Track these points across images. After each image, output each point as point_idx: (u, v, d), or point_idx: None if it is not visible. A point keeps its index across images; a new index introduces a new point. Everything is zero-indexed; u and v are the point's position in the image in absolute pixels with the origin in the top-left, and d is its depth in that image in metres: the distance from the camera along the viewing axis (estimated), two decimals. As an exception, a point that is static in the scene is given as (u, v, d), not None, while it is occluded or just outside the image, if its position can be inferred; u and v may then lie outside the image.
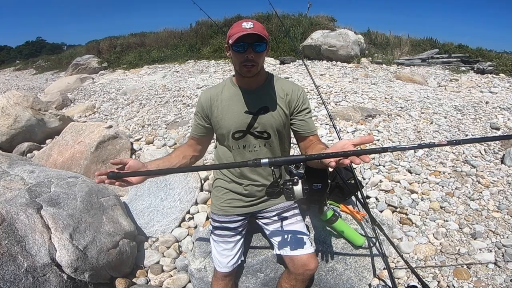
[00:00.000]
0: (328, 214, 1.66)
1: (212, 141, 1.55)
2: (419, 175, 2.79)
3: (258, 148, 1.39)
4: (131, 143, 3.64)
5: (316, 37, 8.42)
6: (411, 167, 2.89)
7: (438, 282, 1.85)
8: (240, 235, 1.53)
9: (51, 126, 4.40)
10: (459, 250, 2.05)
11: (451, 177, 2.76)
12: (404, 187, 2.65)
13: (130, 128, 4.43)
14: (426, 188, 2.62)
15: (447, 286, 1.82)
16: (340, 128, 3.67)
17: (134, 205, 2.52)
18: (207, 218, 2.37)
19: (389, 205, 2.45)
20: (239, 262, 1.55)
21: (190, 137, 1.50)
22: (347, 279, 1.70)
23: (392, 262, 1.98)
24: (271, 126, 1.37)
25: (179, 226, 2.39)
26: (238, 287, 1.66)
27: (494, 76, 7.06)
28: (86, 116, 5.57)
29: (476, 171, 2.82)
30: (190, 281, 1.93)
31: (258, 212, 1.52)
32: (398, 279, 1.89)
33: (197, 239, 1.89)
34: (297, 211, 1.55)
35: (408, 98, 4.84)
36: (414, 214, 2.37)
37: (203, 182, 2.69)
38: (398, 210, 2.42)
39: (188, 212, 2.46)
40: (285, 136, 1.46)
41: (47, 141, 4.28)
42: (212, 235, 1.55)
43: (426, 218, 2.33)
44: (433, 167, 2.90)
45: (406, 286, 1.78)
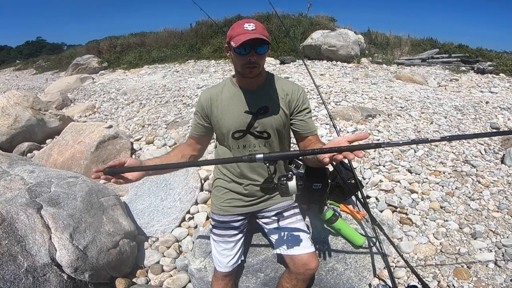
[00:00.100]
0: (328, 214, 1.66)
1: (212, 140, 1.55)
2: (419, 175, 2.79)
3: (258, 147, 1.39)
4: (131, 143, 3.64)
5: (316, 37, 8.42)
6: (411, 167, 2.89)
7: (438, 282, 1.85)
8: (240, 235, 1.53)
9: (51, 126, 4.41)
10: (459, 250, 2.05)
11: (451, 177, 2.76)
12: (404, 187, 2.65)
13: (130, 128, 4.43)
14: (426, 188, 2.62)
15: (447, 286, 1.82)
16: (340, 128, 3.67)
17: (134, 205, 2.51)
18: (207, 218, 2.37)
19: (389, 205, 2.45)
20: (239, 262, 1.55)
21: (190, 136, 1.51)
22: (347, 279, 1.70)
23: (392, 262, 1.98)
24: (271, 126, 1.37)
25: (179, 226, 2.39)
26: (238, 287, 1.66)
27: (494, 76, 7.06)
28: (86, 116, 5.57)
29: (476, 171, 2.82)
30: (190, 281, 1.93)
31: (258, 211, 1.52)
32: (398, 279, 1.89)
33: (197, 239, 1.89)
34: (297, 210, 1.55)
35: (408, 98, 4.84)
36: (414, 214, 2.37)
37: (203, 182, 2.69)
38: (398, 210, 2.42)
39: (188, 212, 2.46)
40: (285, 136, 1.46)
41: (47, 141, 4.28)
42: (212, 235, 1.55)
43: (426, 218, 2.33)
44: (433, 167, 2.90)
45: (406, 286, 1.78)
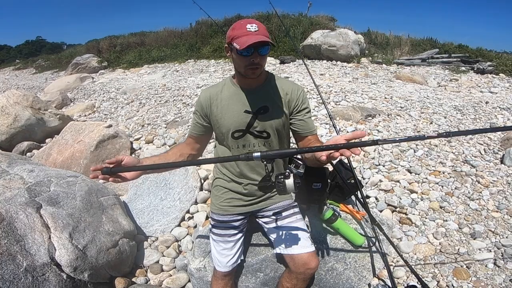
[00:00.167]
0: (327, 214, 1.66)
1: (212, 140, 1.55)
2: (418, 175, 2.79)
3: (257, 147, 1.39)
4: (131, 142, 3.64)
5: (316, 36, 8.42)
6: (411, 167, 2.89)
7: (438, 282, 1.85)
8: (239, 235, 1.53)
9: (50, 125, 4.40)
10: (458, 250, 2.05)
11: (450, 177, 2.76)
12: (404, 187, 2.65)
13: (130, 128, 4.43)
14: (425, 188, 2.62)
15: (447, 286, 1.82)
16: (340, 128, 3.67)
17: (134, 204, 2.51)
18: (207, 218, 2.37)
19: (388, 204, 2.45)
20: (239, 261, 1.54)
21: (189, 135, 1.50)
22: (347, 279, 1.70)
23: (392, 261, 1.98)
24: (270, 126, 1.36)
25: (179, 225, 2.39)
26: (237, 286, 1.66)
27: (494, 76, 7.07)
28: (86, 115, 5.57)
29: (476, 171, 2.82)
30: (189, 280, 1.93)
31: (258, 211, 1.52)
32: (398, 278, 1.89)
33: (196, 239, 1.89)
34: (297, 209, 1.55)
35: (408, 98, 4.84)
36: (414, 214, 2.37)
37: (202, 181, 2.69)
38: (397, 209, 2.42)
39: (187, 211, 2.46)
40: (284, 135, 1.46)
41: (47, 140, 4.28)
42: (212, 235, 1.55)
43: (426, 218, 2.33)
44: (432, 167, 2.90)
45: (406, 285, 1.78)
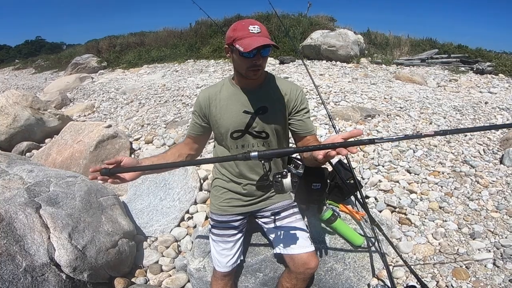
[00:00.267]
0: (327, 214, 1.66)
1: (211, 140, 1.55)
2: (418, 175, 2.79)
3: (256, 147, 1.39)
4: (131, 143, 3.63)
5: (316, 37, 8.43)
6: (410, 167, 2.89)
7: (437, 282, 1.85)
8: (239, 235, 1.53)
9: (50, 125, 4.40)
10: (458, 250, 2.05)
11: (450, 177, 2.76)
12: (403, 187, 2.65)
13: (130, 128, 4.43)
14: (425, 188, 2.62)
15: (446, 286, 1.82)
16: (340, 128, 3.67)
17: (133, 204, 2.51)
18: (206, 218, 2.37)
19: (388, 205, 2.46)
20: (239, 261, 1.55)
21: (187, 135, 1.50)
22: (346, 279, 1.70)
23: (391, 262, 1.98)
24: (269, 126, 1.37)
25: (178, 225, 2.39)
26: (237, 286, 1.66)
27: (494, 76, 7.08)
28: (85, 115, 5.56)
29: (475, 171, 2.83)
30: (189, 280, 1.93)
31: (257, 211, 1.52)
32: (397, 279, 1.89)
33: (196, 239, 1.89)
34: (296, 209, 1.55)
35: (407, 98, 4.84)
36: (413, 214, 2.37)
37: (202, 181, 2.69)
38: (397, 210, 2.42)
39: (187, 211, 2.46)
40: (283, 136, 1.46)
41: (46, 140, 4.28)
42: (211, 235, 1.55)
43: (425, 218, 2.33)
44: (432, 167, 2.91)
45: (405, 286, 1.78)
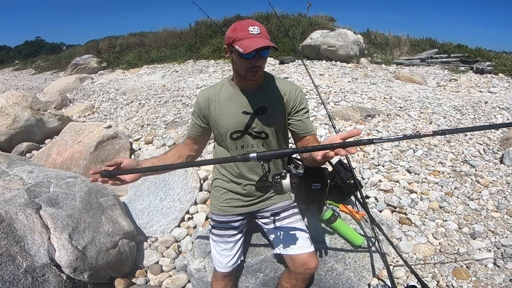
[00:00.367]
0: (327, 214, 1.66)
1: (211, 140, 1.55)
2: (418, 175, 2.79)
3: (256, 148, 1.39)
4: (130, 143, 3.63)
5: (316, 37, 8.43)
6: (410, 167, 2.89)
7: (437, 282, 1.85)
8: (239, 235, 1.53)
9: (50, 126, 4.40)
10: (458, 250, 2.05)
11: (450, 177, 2.76)
12: (404, 187, 2.65)
13: (130, 128, 4.43)
14: (425, 188, 2.62)
15: (446, 286, 1.82)
16: (340, 128, 3.67)
17: (134, 205, 2.51)
18: (207, 218, 2.37)
19: (388, 205, 2.46)
20: (239, 262, 1.55)
21: (187, 136, 1.50)
22: (347, 279, 1.70)
23: (391, 262, 1.98)
24: (268, 126, 1.36)
25: (179, 226, 2.39)
26: (237, 287, 1.66)
27: (493, 76, 7.08)
28: (85, 116, 5.57)
29: (475, 171, 2.83)
30: (189, 281, 1.93)
31: (257, 211, 1.52)
32: (397, 279, 1.89)
33: (196, 239, 1.89)
34: (296, 210, 1.55)
35: (407, 98, 4.84)
36: (413, 214, 2.37)
37: (202, 182, 2.69)
38: (397, 210, 2.42)
39: (187, 212, 2.46)
40: (283, 136, 1.46)
41: (46, 141, 4.28)
42: (212, 235, 1.55)
43: (425, 218, 2.33)
44: (432, 167, 2.91)
45: (405, 286, 1.78)
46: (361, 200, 1.80)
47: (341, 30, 8.88)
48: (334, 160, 1.88)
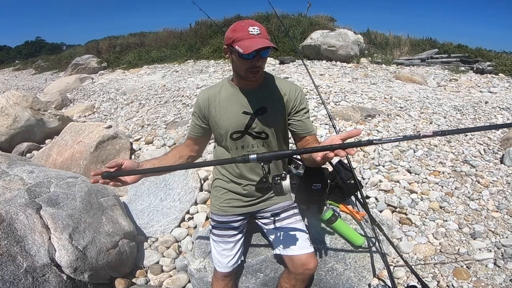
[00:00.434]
0: (327, 214, 1.66)
1: (211, 140, 1.55)
2: (418, 175, 2.79)
3: (256, 148, 1.39)
4: (131, 143, 3.63)
5: (316, 37, 8.43)
6: (410, 167, 2.89)
7: (438, 282, 1.85)
8: (239, 235, 1.53)
9: (50, 126, 4.40)
10: (458, 250, 2.05)
11: (450, 177, 2.76)
12: (404, 187, 2.65)
13: (130, 128, 4.43)
14: (425, 188, 2.62)
15: (447, 286, 1.82)
16: (340, 128, 3.67)
17: (134, 205, 2.51)
18: (207, 218, 2.37)
19: (388, 205, 2.45)
20: (239, 262, 1.55)
21: (188, 137, 1.50)
22: (347, 279, 1.70)
23: (392, 262, 1.98)
24: (269, 127, 1.36)
25: (179, 226, 2.39)
26: (238, 287, 1.66)
27: (494, 76, 7.08)
28: (85, 116, 5.57)
29: (476, 171, 2.83)
30: (189, 281, 1.93)
31: (257, 212, 1.52)
32: (398, 279, 1.89)
33: (196, 239, 1.89)
34: (296, 210, 1.55)
35: (407, 98, 4.84)
36: (414, 214, 2.37)
37: (202, 182, 2.69)
38: (397, 210, 2.42)
39: (187, 212, 2.46)
40: (283, 136, 1.46)
41: (47, 141, 4.28)
42: (212, 235, 1.55)
43: (426, 218, 2.33)
44: (432, 167, 2.91)
45: (406, 286, 1.78)
46: (361, 200, 1.80)
47: (341, 30, 8.88)
48: (335, 160, 1.88)
